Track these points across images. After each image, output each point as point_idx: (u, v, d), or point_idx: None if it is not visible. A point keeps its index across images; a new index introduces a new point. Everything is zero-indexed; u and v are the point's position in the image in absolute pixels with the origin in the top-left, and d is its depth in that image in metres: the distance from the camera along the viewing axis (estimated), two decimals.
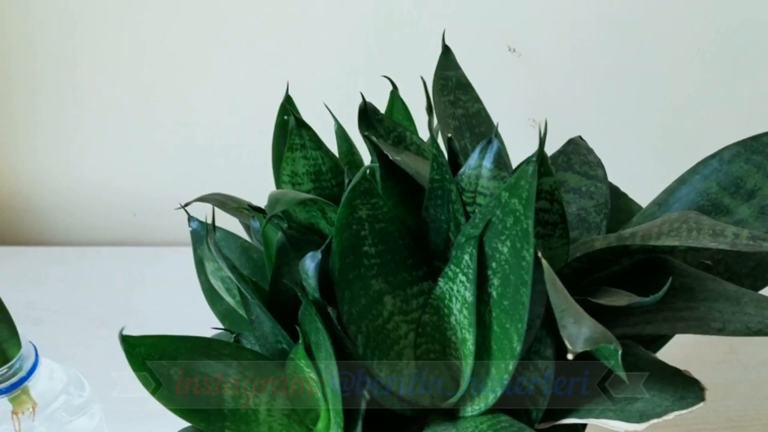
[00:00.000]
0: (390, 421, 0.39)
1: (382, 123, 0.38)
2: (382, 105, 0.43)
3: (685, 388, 0.34)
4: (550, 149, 0.47)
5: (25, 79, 0.80)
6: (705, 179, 0.42)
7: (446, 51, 0.43)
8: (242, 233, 0.46)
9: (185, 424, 0.38)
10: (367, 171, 0.33)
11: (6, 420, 0.40)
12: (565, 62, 0.72)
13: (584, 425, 0.40)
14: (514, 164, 0.39)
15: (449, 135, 0.35)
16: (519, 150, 0.40)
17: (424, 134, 0.42)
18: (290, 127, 0.39)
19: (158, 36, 0.77)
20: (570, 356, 0.27)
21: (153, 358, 0.36)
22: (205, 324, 0.47)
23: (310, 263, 0.34)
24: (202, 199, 0.43)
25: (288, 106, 0.41)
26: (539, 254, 0.32)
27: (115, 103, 0.80)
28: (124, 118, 0.81)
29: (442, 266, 0.37)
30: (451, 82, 0.43)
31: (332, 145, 0.43)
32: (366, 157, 0.44)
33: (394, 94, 0.43)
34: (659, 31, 0.70)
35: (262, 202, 0.44)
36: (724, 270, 0.40)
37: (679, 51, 0.71)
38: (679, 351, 0.44)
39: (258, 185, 0.53)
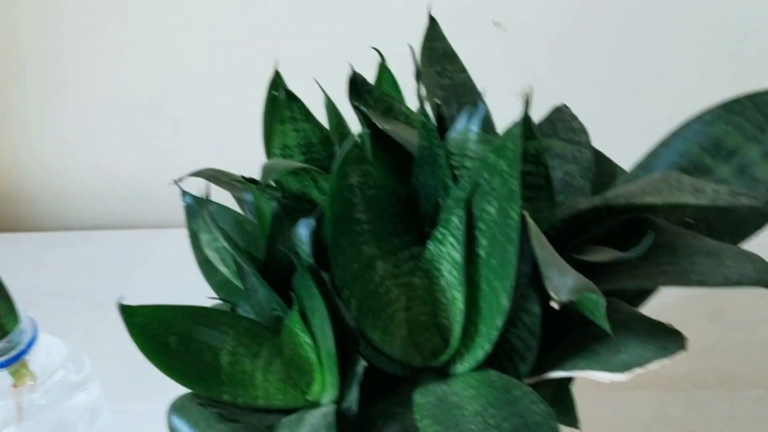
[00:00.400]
0: (383, 381, 0.40)
1: (371, 93, 0.39)
2: (370, 79, 0.43)
3: (667, 338, 0.35)
4: (536, 119, 0.48)
5: (14, 65, 0.80)
6: (686, 141, 0.43)
7: (432, 22, 0.43)
8: (235, 208, 0.47)
9: (184, 391, 0.39)
10: (358, 138, 0.34)
11: (7, 395, 0.41)
12: (550, 36, 0.73)
13: (571, 379, 0.41)
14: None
15: (437, 102, 0.36)
16: (505, 123, 0.41)
17: (412, 105, 0.43)
18: (280, 100, 0.40)
19: (146, 19, 0.77)
20: (555, 305, 0.28)
21: (151, 327, 0.37)
22: (199, 302, 0.48)
23: (303, 230, 0.35)
24: (195, 173, 0.44)
25: (278, 81, 0.42)
26: (525, 213, 0.33)
27: (103, 89, 0.81)
28: (113, 104, 0.81)
29: (431, 231, 0.38)
30: (437, 53, 0.43)
31: (322, 120, 0.44)
32: (355, 130, 0.45)
33: (383, 65, 0.43)
34: (641, 1, 0.71)
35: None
36: (705, 227, 0.42)
37: (662, 20, 0.72)
38: (665, 313, 0.46)
39: (249, 164, 0.54)
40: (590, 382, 0.66)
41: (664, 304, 0.45)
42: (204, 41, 0.77)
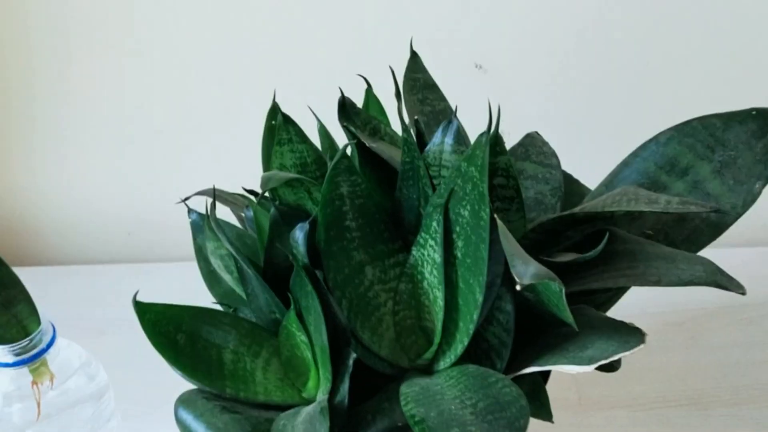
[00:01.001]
0: (372, 381, 0.43)
1: (359, 116, 0.44)
2: (358, 104, 0.48)
3: (628, 335, 0.39)
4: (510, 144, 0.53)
5: (19, 100, 0.85)
6: (644, 161, 0.47)
7: (414, 55, 0.48)
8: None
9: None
10: (347, 149, 0.38)
11: (27, 397, 0.45)
12: (527, 77, 0.78)
13: (546, 378, 0.45)
14: None
15: (416, 117, 0.40)
16: None
17: (397, 129, 0.47)
18: (278, 124, 0.44)
19: (146, 52, 0.81)
20: (518, 287, 0.32)
21: (161, 324, 0.41)
22: None
23: (299, 233, 0.39)
24: (199, 192, 0.48)
25: (277, 108, 0.46)
26: (494, 215, 0.37)
27: (107, 124, 0.85)
28: (117, 139, 0.86)
29: (414, 239, 0.43)
30: (419, 83, 0.48)
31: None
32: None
33: (369, 91, 0.48)
34: (607, 46, 0.77)
35: None
36: (663, 238, 0.46)
37: (624, 64, 0.78)
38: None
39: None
40: (570, 402, 0.69)
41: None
42: (205, 77, 0.82)
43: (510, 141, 0.48)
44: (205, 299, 0.52)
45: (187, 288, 0.55)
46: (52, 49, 0.82)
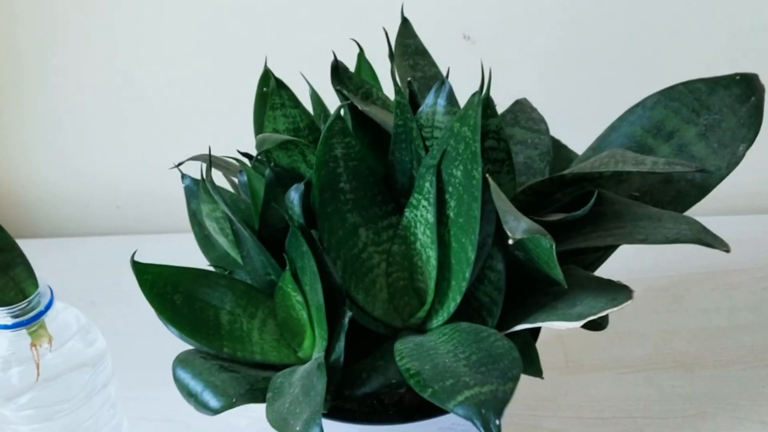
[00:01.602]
0: (367, 341, 0.44)
1: (351, 80, 0.44)
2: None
3: (616, 292, 0.40)
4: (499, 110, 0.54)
5: (10, 74, 0.84)
6: (631, 125, 0.48)
7: (405, 21, 0.49)
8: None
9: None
10: (341, 111, 0.39)
11: (25, 361, 0.45)
12: (515, 47, 0.79)
13: (536, 335, 0.46)
14: None
15: (409, 79, 0.41)
16: None
17: (389, 93, 0.48)
18: (271, 88, 0.45)
19: (137, 26, 0.81)
20: (510, 242, 0.33)
21: (158, 284, 0.41)
22: None
23: (294, 194, 0.40)
24: (194, 158, 0.49)
25: (270, 73, 0.47)
26: (487, 175, 0.38)
27: (98, 99, 0.85)
28: (108, 115, 0.86)
29: (407, 201, 0.43)
30: (410, 49, 0.49)
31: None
32: None
33: (361, 56, 0.48)
34: (593, 14, 0.78)
35: None
36: (649, 199, 0.47)
37: (611, 31, 0.78)
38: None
39: None
40: (557, 364, 0.70)
41: None
42: (194, 46, 0.82)
43: (498, 111, 0.49)
44: None
45: (177, 259, 0.55)
46: (39, 20, 0.81)
